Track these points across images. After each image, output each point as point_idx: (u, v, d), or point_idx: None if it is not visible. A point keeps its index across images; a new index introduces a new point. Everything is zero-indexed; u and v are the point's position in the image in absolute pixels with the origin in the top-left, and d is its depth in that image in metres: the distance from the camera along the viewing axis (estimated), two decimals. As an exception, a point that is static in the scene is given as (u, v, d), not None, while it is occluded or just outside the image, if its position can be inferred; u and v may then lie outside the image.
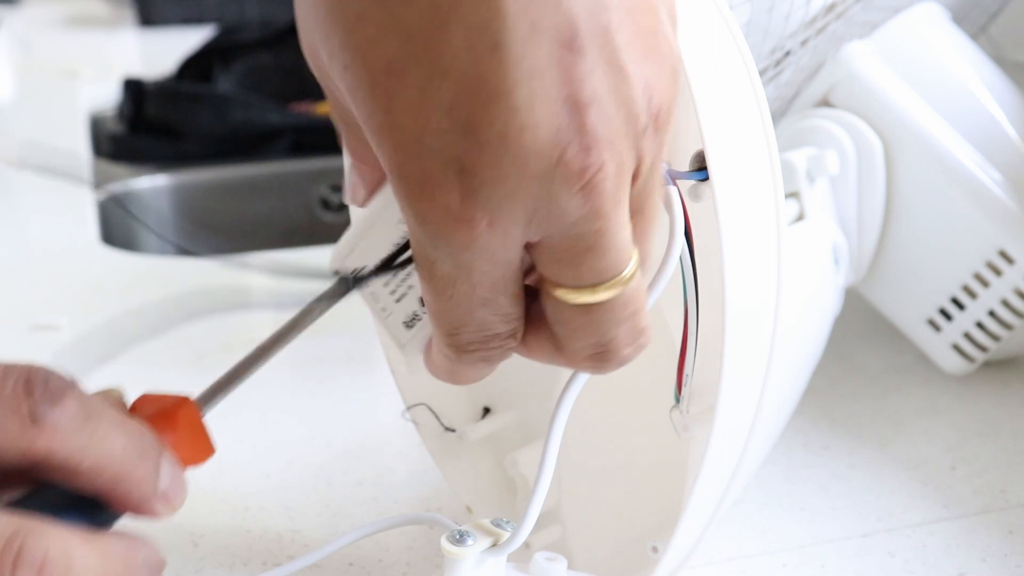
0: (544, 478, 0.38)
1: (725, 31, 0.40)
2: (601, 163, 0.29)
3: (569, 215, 0.29)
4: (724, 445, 0.41)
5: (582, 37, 0.28)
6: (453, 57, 0.28)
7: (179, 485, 0.32)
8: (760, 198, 0.40)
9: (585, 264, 0.30)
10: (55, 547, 0.28)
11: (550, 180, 0.29)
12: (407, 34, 0.28)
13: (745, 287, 0.39)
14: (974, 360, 0.65)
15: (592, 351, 0.33)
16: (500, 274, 0.31)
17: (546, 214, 0.29)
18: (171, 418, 0.33)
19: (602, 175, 0.29)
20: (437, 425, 0.52)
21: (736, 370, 0.39)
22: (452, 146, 0.28)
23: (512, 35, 0.27)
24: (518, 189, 0.29)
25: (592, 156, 0.29)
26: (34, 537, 0.28)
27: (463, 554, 0.39)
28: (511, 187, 0.29)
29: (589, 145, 0.29)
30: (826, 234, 0.58)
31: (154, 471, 0.31)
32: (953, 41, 0.67)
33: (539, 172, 0.29)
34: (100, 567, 0.29)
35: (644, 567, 0.45)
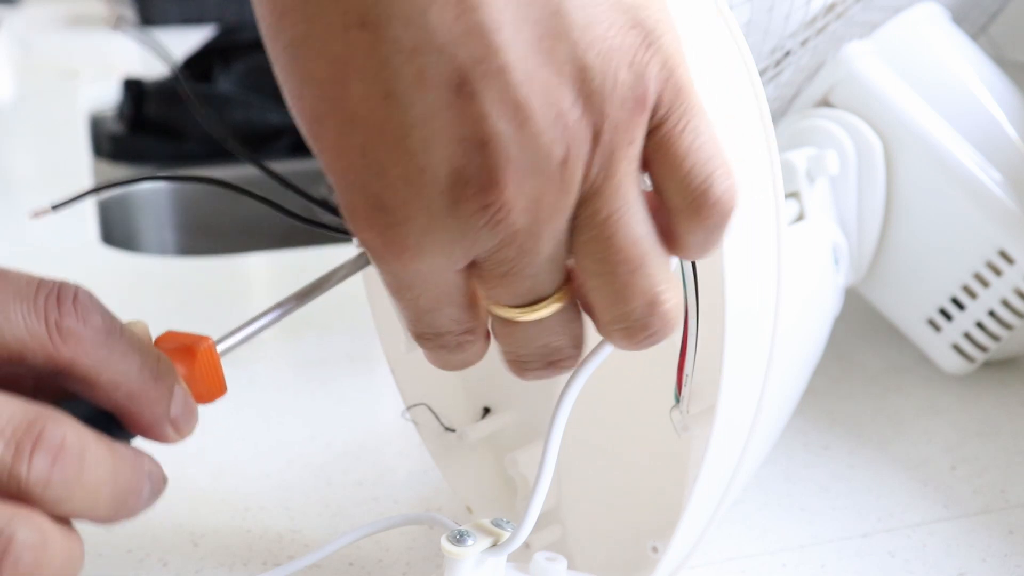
0: (544, 478, 0.38)
1: (725, 31, 0.40)
2: (503, 200, 0.30)
3: (482, 245, 0.31)
4: (724, 445, 0.41)
5: (472, 81, 0.29)
6: (357, 105, 0.30)
7: (190, 414, 0.34)
8: (760, 198, 0.40)
9: (509, 287, 0.32)
10: (72, 435, 0.30)
11: (458, 216, 0.30)
12: (320, 86, 0.30)
13: (745, 287, 0.39)
14: (974, 360, 0.65)
15: (536, 363, 0.35)
16: (438, 292, 0.33)
17: (464, 243, 0.31)
18: (190, 353, 0.34)
19: (506, 211, 0.30)
20: (437, 425, 0.52)
21: (736, 370, 0.39)
22: (370, 185, 0.31)
23: (400, 84, 0.29)
24: (431, 225, 0.31)
25: (492, 194, 0.30)
26: (54, 422, 0.30)
27: (463, 554, 0.39)
28: (424, 223, 0.31)
29: (487, 184, 0.30)
30: (826, 234, 0.58)
31: (167, 395, 0.33)
32: (953, 41, 0.67)
33: (446, 209, 0.30)
34: (110, 464, 0.31)
35: (644, 567, 0.45)
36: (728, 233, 0.34)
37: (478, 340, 0.35)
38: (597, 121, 0.31)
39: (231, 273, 0.91)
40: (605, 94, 0.30)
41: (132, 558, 0.51)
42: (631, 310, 0.33)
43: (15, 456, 0.29)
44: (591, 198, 0.31)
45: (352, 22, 0.29)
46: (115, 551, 0.51)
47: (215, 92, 1.30)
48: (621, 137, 0.31)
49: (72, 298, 0.32)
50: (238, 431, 0.63)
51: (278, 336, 0.78)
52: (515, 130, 0.30)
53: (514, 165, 0.30)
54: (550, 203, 0.31)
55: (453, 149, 0.30)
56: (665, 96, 0.31)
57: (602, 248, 0.32)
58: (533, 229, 0.31)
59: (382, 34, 0.29)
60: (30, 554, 0.29)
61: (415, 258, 0.32)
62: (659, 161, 0.32)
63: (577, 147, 0.30)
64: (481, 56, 0.29)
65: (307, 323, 0.78)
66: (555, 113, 0.30)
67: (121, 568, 0.50)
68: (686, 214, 0.32)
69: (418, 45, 0.29)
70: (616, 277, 0.32)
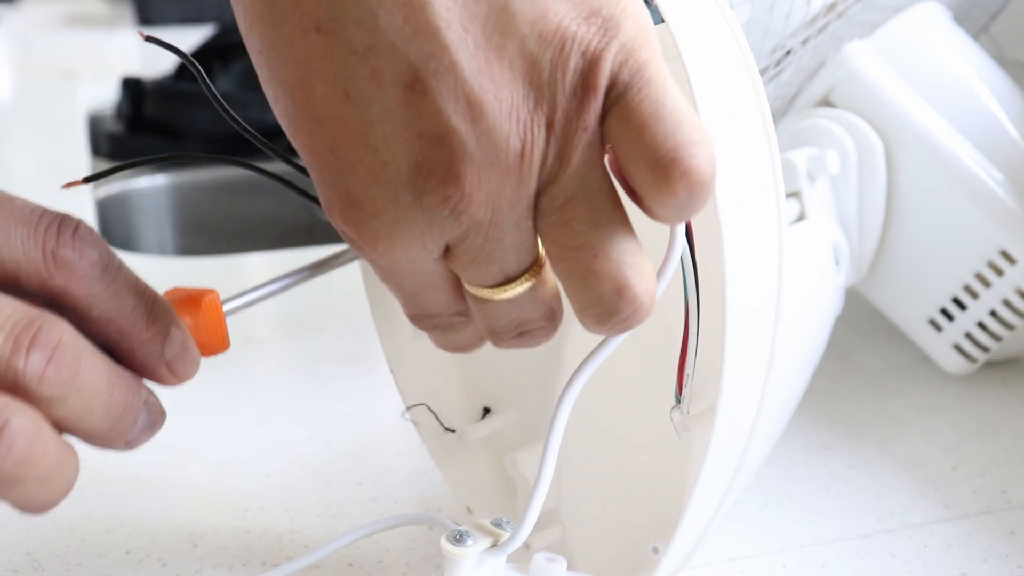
0: (544, 478, 0.38)
1: (726, 30, 0.40)
2: (463, 192, 0.31)
3: (451, 232, 0.32)
4: (725, 445, 0.41)
5: (424, 79, 0.30)
6: (322, 105, 0.31)
7: (187, 357, 0.34)
8: (761, 198, 0.40)
9: (479, 271, 0.34)
10: (69, 337, 0.31)
11: (423, 208, 0.32)
12: (289, 89, 0.32)
13: (746, 287, 0.39)
14: (975, 360, 0.65)
15: (509, 334, 0.36)
16: (419, 278, 0.34)
17: (433, 233, 0.32)
18: (194, 303, 0.35)
19: (467, 202, 0.31)
20: (437, 425, 0.52)
21: (737, 370, 0.39)
22: (342, 181, 0.32)
23: (357, 83, 0.31)
24: (399, 218, 0.32)
25: (452, 187, 0.31)
26: (52, 323, 0.31)
27: (463, 554, 0.39)
28: (392, 216, 0.32)
29: (447, 178, 0.31)
30: (827, 234, 0.58)
31: (161, 335, 0.34)
32: (954, 41, 0.66)
33: (411, 202, 0.32)
34: (106, 376, 0.32)
35: (644, 567, 0.45)
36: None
37: (470, 322, 0.37)
38: (549, 112, 0.31)
39: (230, 273, 0.91)
40: (556, 85, 0.31)
41: (131, 558, 0.51)
42: (598, 295, 0.33)
43: (13, 350, 0.30)
44: (548, 185, 0.32)
45: (309, 27, 0.31)
46: (114, 551, 0.51)
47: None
48: (573, 125, 0.32)
49: (72, 230, 0.32)
50: (238, 431, 0.63)
51: (278, 336, 0.77)
52: (470, 125, 0.31)
53: (472, 159, 0.31)
54: (509, 194, 0.32)
55: (412, 144, 0.31)
56: (621, 76, 0.32)
57: (563, 234, 0.33)
58: (495, 219, 0.32)
59: (337, 37, 0.30)
60: (23, 441, 0.30)
61: (390, 249, 0.33)
62: (618, 136, 0.32)
63: (532, 139, 0.31)
64: (431, 54, 0.30)
65: (306, 323, 0.78)
66: (508, 107, 0.31)
67: (120, 568, 0.50)
68: (653, 190, 0.32)
69: (371, 46, 0.30)
70: (578, 262, 0.33)
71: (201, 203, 1.24)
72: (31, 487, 0.30)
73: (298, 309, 0.81)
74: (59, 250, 0.32)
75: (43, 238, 0.32)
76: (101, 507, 0.55)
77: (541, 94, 0.31)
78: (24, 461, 0.30)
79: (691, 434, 0.41)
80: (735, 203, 0.38)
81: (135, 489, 0.57)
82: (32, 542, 0.52)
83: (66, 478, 0.31)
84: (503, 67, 0.31)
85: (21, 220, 0.32)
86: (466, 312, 0.36)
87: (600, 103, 0.32)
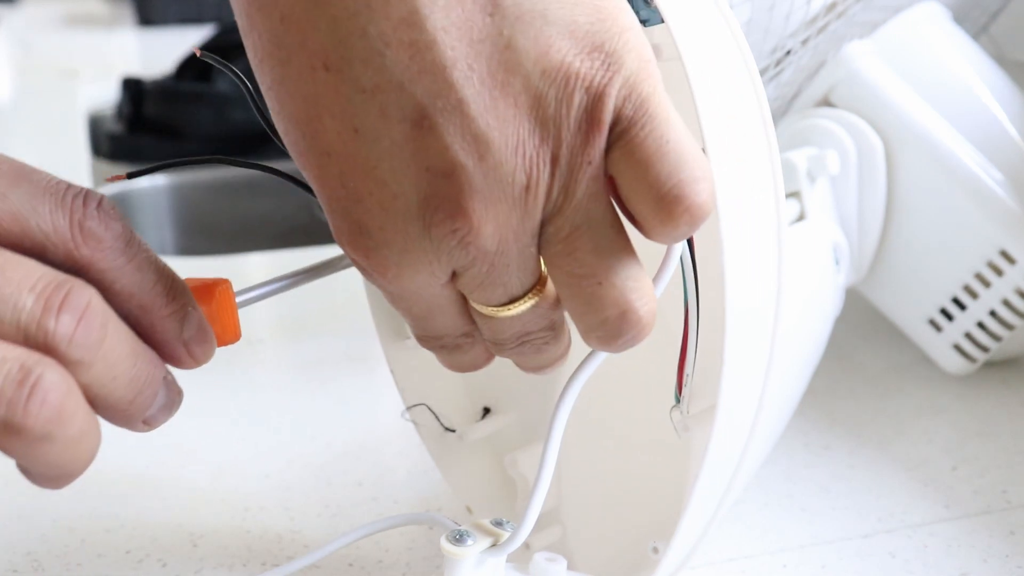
0: (544, 478, 0.38)
1: (726, 30, 0.40)
2: (470, 225, 0.32)
3: (457, 262, 0.33)
4: (725, 445, 0.41)
5: (431, 116, 0.31)
6: (332, 140, 0.32)
7: (204, 339, 0.35)
8: (761, 198, 0.40)
9: (484, 294, 0.35)
10: (97, 302, 0.31)
11: (431, 239, 0.33)
12: (298, 123, 0.33)
13: (746, 287, 0.39)
14: (975, 360, 0.65)
15: (511, 343, 0.37)
16: (427, 303, 0.35)
17: (441, 262, 0.33)
18: (208, 292, 0.35)
19: (474, 234, 0.32)
20: (437, 426, 0.52)
21: (737, 370, 0.39)
22: (351, 212, 0.33)
23: (365, 120, 0.31)
24: (408, 247, 0.33)
25: (460, 220, 0.32)
26: (81, 287, 0.31)
27: (463, 554, 0.39)
28: (402, 246, 0.33)
29: (454, 212, 0.32)
30: (827, 234, 0.58)
31: (180, 313, 0.34)
32: (954, 41, 0.66)
33: (420, 233, 0.33)
34: (130, 345, 0.33)
35: (644, 567, 0.45)
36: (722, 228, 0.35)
37: (477, 342, 0.38)
38: (555, 146, 0.32)
39: (230, 273, 0.90)
40: (560, 120, 0.32)
41: (131, 559, 0.51)
42: (603, 320, 0.34)
43: (44, 310, 0.30)
44: (554, 217, 0.33)
45: (318, 64, 0.31)
46: (114, 551, 0.51)
47: (214, 92, 1.30)
48: (578, 159, 0.32)
49: (97, 203, 0.33)
50: (238, 431, 0.63)
51: (278, 337, 0.78)
52: (477, 161, 0.32)
53: (479, 194, 0.32)
54: (515, 226, 0.33)
55: (420, 178, 0.32)
56: (625, 111, 0.32)
57: (568, 263, 0.34)
58: (501, 248, 0.33)
59: (345, 75, 0.31)
60: (55, 396, 0.30)
61: (398, 276, 0.34)
62: (622, 170, 0.33)
63: (538, 173, 0.32)
64: (437, 92, 0.31)
65: (306, 324, 0.78)
66: (514, 143, 0.32)
67: (120, 568, 0.50)
68: (656, 222, 0.33)
69: (378, 84, 0.31)
70: (583, 289, 0.34)
71: (201, 203, 1.24)
72: (59, 448, 0.31)
73: (298, 310, 0.81)
74: (86, 221, 0.32)
75: (70, 208, 0.32)
76: (101, 507, 0.55)
77: (546, 129, 0.32)
78: (56, 418, 0.30)
79: (691, 434, 0.41)
80: (735, 203, 0.38)
81: (135, 489, 0.57)
82: (32, 542, 0.52)
83: (90, 446, 0.31)
84: (508, 104, 0.32)
85: (48, 190, 0.32)
86: (473, 333, 0.37)
87: (605, 137, 0.33)
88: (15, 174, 0.32)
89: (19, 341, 0.30)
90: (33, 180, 0.32)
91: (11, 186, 0.32)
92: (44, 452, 0.30)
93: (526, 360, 0.38)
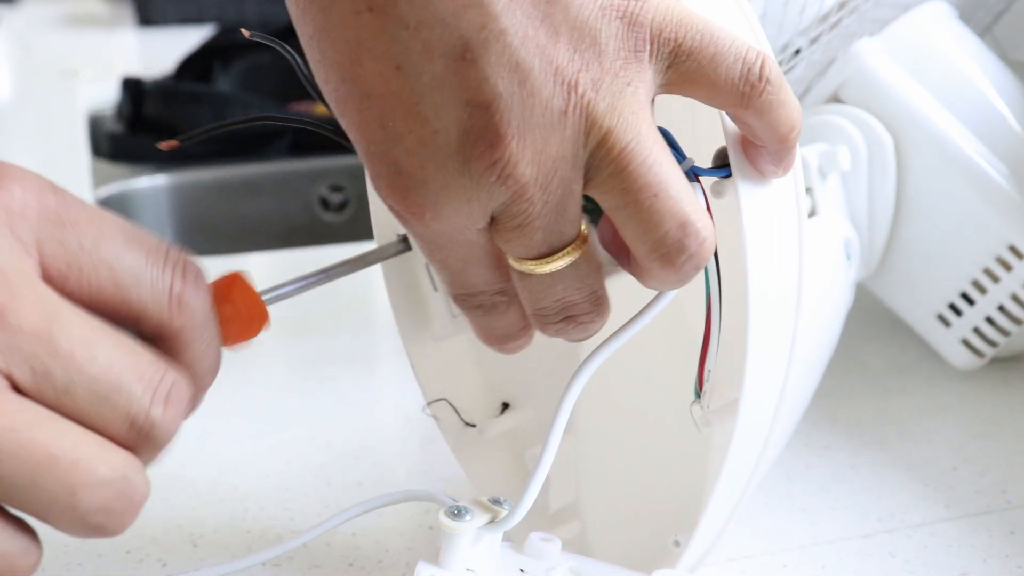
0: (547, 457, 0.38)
1: (744, 23, 0.40)
2: (509, 155, 0.33)
3: (497, 199, 0.34)
4: (747, 438, 0.41)
5: (473, 48, 0.32)
6: (371, 81, 0.33)
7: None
8: (781, 193, 0.40)
9: (523, 240, 0.35)
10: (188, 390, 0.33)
11: (471, 174, 0.33)
12: (339, 68, 0.34)
13: (768, 282, 0.39)
14: (983, 355, 0.65)
15: (554, 316, 0.37)
16: (464, 251, 0.36)
17: (480, 200, 0.34)
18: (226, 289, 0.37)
19: (513, 163, 0.33)
20: (457, 421, 0.52)
21: (760, 363, 0.40)
22: (390, 153, 0.34)
23: (408, 57, 0.32)
24: (447, 184, 0.34)
25: (499, 150, 0.33)
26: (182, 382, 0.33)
27: (460, 528, 0.39)
28: (441, 183, 0.34)
29: (494, 141, 0.33)
30: (838, 229, 0.58)
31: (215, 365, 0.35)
32: (961, 39, 0.67)
33: (459, 168, 0.33)
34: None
35: (665, 560, 0.45)
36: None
37: (512, 303, 0.38)
38: (595, 72, 0.33)
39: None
40: (599, 47, 0.33)
41: (131, 559, 0.51)
42: (663, 235, 0.35)
43: (152, 403, 0.32)
44: (603, 141, 0.34)
45: (362, 7, 0.32)
46: (114, 551, 0.51)
47: (214, 92, 1.30)
48: (620, 82, 0.34)
49: (195, 273, 0.34)
50: (238, 431, 0.63)
51: (277, 336, 0.77)
52: (516, 88, 0.33)
53: (516, 120, 0.33)
54: (554, 152, 0.34)
55: (461, 111, 0.33)
56: (665, 32, 0.34)
57: (621, 181, 0.34)
58: (540, 179, 0.34)
59: (389, 14, 0.32)
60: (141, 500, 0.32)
61: (436, 217, 0.34)
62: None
63: (576, 98, 0.33)
64: (481, 24, 0.32)
65: (306, 323, 0.78)
66: (553, 69, 0.33)
67: (120, 568, 0.50)
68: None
69: (423, 20, 0.32)
70: (640, 205, 0.34)
71: (201, 203, 1.24)
72: (158, 453, 0.33)
73: (298, 310, 0.81)
74: (184, 295, 0.33)
75: (171, 280, 0.33)
76: (101, 507, 0.55)
77: (585, 56, 0.33)
78: (176, 420, 0.32)
79: (712, 428, 0.41)
80: (756, 199, 0.38)
81: (135, 489, 0.56)
82: (32, 542, 0.52)
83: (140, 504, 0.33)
84: (548, 33, 0.33)
85: (151, 257, 0.33)
86: (508, 291, 0.38)
87: (646, 60, 0.34)
88: (125, 237, 0.32)
89: (123, 429, 0.31)
90: (138, 244, 0.33)
91: (122, 251, 0.32)
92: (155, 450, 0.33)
93: (569, 338, 0.38)
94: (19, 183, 0.31)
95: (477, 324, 0.39)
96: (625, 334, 0.38)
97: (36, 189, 0.32)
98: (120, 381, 0.31)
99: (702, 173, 0.37)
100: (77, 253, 0.31)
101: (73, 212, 0.32)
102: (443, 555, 0.40)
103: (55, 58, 1.69)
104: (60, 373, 0.30)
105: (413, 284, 0.49)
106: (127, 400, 0.31)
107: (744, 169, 0.38)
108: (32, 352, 0.30)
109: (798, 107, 0.37)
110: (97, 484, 0.30)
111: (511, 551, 0.42)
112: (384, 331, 0.75)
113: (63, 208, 0.32)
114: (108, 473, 0.30)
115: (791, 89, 0.37)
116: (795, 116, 0.37)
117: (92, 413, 0.31)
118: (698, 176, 0.37)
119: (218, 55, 1.37)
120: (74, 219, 0.32)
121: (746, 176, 0.38)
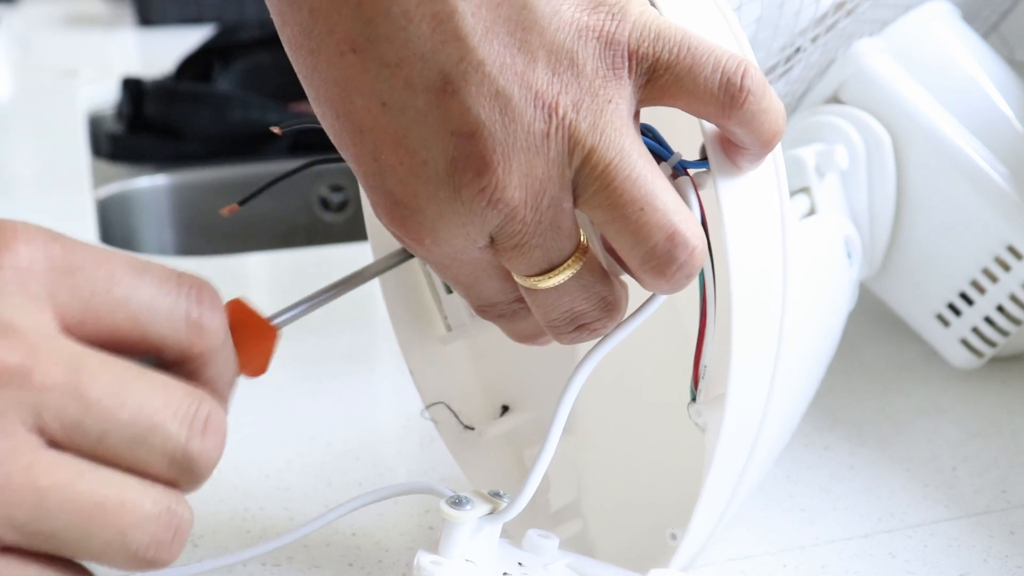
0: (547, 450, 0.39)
1: (727, 31, 0.40)
2: (496, 181, 0.34)
3: (491, 222, 0.35)
4: (737, 429, 0.41)
5: (454, 80, 0.33)
6: (361, 117, 0.34)
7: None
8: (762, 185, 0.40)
9: (522, 258, 0.36)
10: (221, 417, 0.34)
11: (462, 200, 0.34)
12: (332, 105, 0.35)
13: (750, 273, 0.39)
14: (982, 355, 0.65)
15: (566, 327, 0.38)
16: (471, 269, 0.37)
17: (475, 224, 0.35)
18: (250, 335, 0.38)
19: (501, 188, 0.34)
20: (456, 423, 0.52)
21: (744, 355, 0.40)
22: (385, 184, 0.35)
23: (392, 93, 0.34)
24: (441, 211, 0.35)
25: (486, 177, 0.34)
26: (217, 409, 0.33)
27: (461, 518, 0.40)
28: (435, 211, 0.35)
29: (480, 168, 0.34)
30: (838, 228, 0.58)
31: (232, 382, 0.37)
32: (963, 39, 0.67)
33: (450, 196, 0.34)
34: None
35: (664, 555, 0.45)
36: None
37: (524, 306, 0.39)
38: (575, 93, 0.34)
39: (231, 273, 0.91)
40: (577, 68, 0.34)
41: (131, 559, 0.51)
42: (652, 247, 0.35)
43: (188, 438, 0.32)
44: (587, 159, 0.34)
45: (345, 49, 0.34)
46: (114, 552, 0.51)
47: (214, 92, 1.30)
48: (600, 100, 0.34)
49: (209, 295, 0.34)
50: (237, 431, 0.63)
51: (277, 336, 0.77)
52: (498, 116, 0.34)
53: (501, 147, 0.34)
54: (540, 174, 0.34)
55: (447, 142, 0.34)
56: (642, 48, 0.35)
57: (607, 197, 0.35)
58: (530, 201, 0.35)
59: (371, 54, 0.34)
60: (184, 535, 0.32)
61: (436, 243, 0.36)
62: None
63: (557, 120, 0.34)
64: (459, 57, 0.33)
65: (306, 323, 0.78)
66: (533, 94, 0.34)
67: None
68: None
69: (403, 58, 0.33)
70: (628, 219, 0.35)
71: (201, 203, 1.24)
72: (203, 481, 0.33)
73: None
74: (201, 318, 0.33)
75: (186, 307, 0.33)
76: (101, 507, 0.55)
77: (564, 78, 0.34)
78: (217, 448, 0.33)
79: (704, 419, 0.42)
80: (735, 189, 0.39)
81: (135, 489, 0.57)
82: (32, 542, 0.52)
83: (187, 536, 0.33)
84: (527, 59, 0.34)
85: (164, 287, 0.33)
86: (522, 298, 0.38)
87: (626, 77, 0.35)
88: (134, 272, 0.33)
89: (162, 467, 0.32)
90: (150, 278, 0.33)
91: (134, 288, 0.32)
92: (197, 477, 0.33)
93: (587, 342, 0.39)
94: (22, 239, 0.31)
95: (504, 329, 0.40)
96: (619, 334, 0.39)
97: (40, 242, 0.31)
98: (153, 421, 0.31)
99: (690, 166, 0.38)
100: (90, 298, 0.31)
101: (79, 257, 0.32)
102: (443, 544, 0.40)
103: (55, 58, 1.69)
104: (93, 424, 0.30)
105: (410, 290, 0.49)
106: (163, 440, 0.31)
107: (723, 165, 0.38)
108: (62, 407, 0.30)
109: (782, 112, 0.37)
110: (144, 521, 0.31)
111: (510, 546, 0.43)
112: (384, 331, 0.75)
113: (69, 255, 0.32)
114: (153, 508, 0.31)
115: (775, 94, 0.37)
116: (779, 122, 0.37)
117: (130, 457, 0.31)
118: (687, 170, 0.38)
119: (218, 55, 1.37)
120: (81, 264, 0.32)
121: (725, 171, 0.38)
